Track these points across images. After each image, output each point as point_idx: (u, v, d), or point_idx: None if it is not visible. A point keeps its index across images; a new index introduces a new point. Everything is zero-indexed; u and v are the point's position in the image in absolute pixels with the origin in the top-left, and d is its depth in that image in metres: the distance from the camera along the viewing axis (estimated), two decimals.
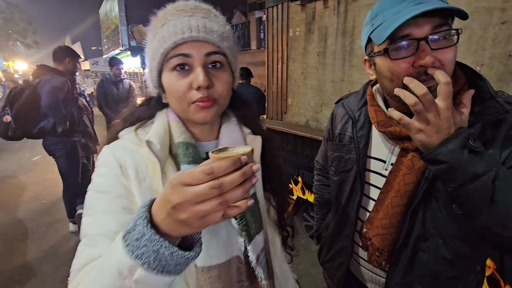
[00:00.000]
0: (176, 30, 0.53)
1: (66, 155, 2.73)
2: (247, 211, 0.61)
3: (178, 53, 0.54)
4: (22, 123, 2.51)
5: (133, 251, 0.36)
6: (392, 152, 0.80)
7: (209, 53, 0.55)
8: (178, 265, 0.37)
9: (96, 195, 0.55)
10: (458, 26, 0.65)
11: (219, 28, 0.56)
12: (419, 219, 0.73)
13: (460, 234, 0.70)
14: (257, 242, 0.62)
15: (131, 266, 0.36)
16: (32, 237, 2.87)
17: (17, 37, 29.62)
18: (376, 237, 0.80)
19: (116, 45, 5.70)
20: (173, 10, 0.56)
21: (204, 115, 0.57)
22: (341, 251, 0.96)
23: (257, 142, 0.68)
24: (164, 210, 0.36)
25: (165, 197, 0.36)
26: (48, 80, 2.51)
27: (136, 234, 0.36)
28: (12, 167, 5.09)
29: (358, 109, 0.89)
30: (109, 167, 0.56)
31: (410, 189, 0.73)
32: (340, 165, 0.92)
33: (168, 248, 0.36)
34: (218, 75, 0.57)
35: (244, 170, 0.34)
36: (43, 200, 3.71)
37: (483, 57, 1.40)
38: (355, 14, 1.98)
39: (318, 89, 2.40)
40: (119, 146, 0.58)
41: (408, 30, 0.62)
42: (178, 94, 0.56)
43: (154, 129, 0.60)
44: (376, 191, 0.83)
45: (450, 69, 0.63)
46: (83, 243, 0.50)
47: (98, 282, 0.40)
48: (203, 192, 0.33)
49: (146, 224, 0.36)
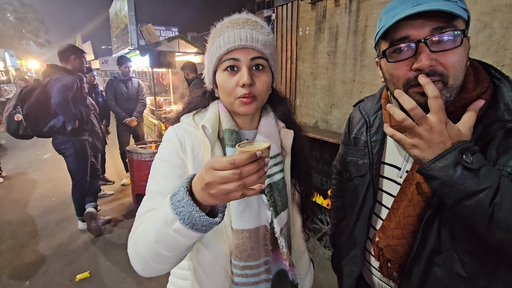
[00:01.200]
0: (230, 40, 0.67)
1: (75, 154, 2.76)
2: (276, 191, 0.75)
3: (229, 57, 0.68)
4: (33, 122, 2.54)
5: (175, 208, 0.50)
6: (407, 159, 0.76)
7: (254, 57, 0.68)
8: (204, 226, 0.50)
9: (160, 163, 0.71)
10: (477, 25, 0.60)
11: (263, 38, 0.69)
12: (433, 231, 0.68)
13: (474, 250, 0.63)
14: (282, 217, 0.75)
15: (172, 219, 0.50)
16: (42, 234, 2.91)
17: (30, 36, 30.25)
18: (387, 248, 0.77)
19: (125, 44, 5.73)
20: (229, 23, 0.70)
21: (246, 109, 0.70)
22: (353, 259, 0.92)
23: (289, 135, 0.81)
24: (199, 185, 0.49)
25: (200, 176, 0.49)
26: (58, 79, 2.53)
27: (178, 197, 0.50)
28: (23, 165, 5.19)
29: (374, 113, 0.86)
30: (172, 142, 0.72)
31: (424, 199, 0.68)
32: (354, 170, 0.89)
33: (197, 211, 0.48)
34: (260, 76, 0.70)
35: (259, 161, 0.46)
36: (53, 197, 3.76)
37: (504, 58, 1.33)
38: (367, 13, 1.93)
39: (327, 89, 2.35)
40: (181, 127, 0.74)
41: (406, 32, 0.60)
42: (228, 90, 0.70)
43: (208, 116, 0.75)
44: (390, 199, 0.79)
45: (454, 72, 0.59)
46: (146, 197, 0.68)
47: (151, 225, 0.55)
48: (227, 176, 0.45)
49: (185, 192, 0.50)
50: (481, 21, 1.35)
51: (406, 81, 0.63)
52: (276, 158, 0.77)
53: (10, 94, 9.71)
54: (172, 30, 10.68)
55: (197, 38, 9.47)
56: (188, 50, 4.79)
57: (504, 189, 0.52)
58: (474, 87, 0.64)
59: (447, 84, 0.60)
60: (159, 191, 0.66)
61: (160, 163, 0.71)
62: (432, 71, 0.59)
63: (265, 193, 0.74)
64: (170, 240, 0.52)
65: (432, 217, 0.67)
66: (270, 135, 0.77)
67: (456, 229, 0.65)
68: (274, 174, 0.76)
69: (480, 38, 1.37)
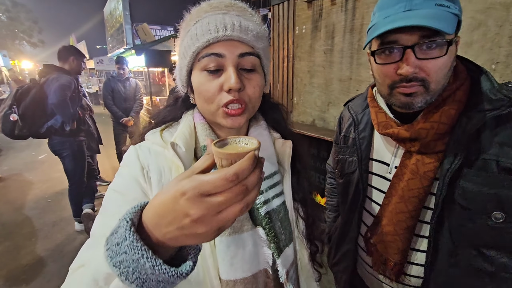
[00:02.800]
0: (210, 28, 0.50)
1: (72, 155, 2.74)
2: (276, 221, 0.58)
3: (210, 53, 0.51)
4: (29, 122, 2.51)
5: (112, 257, 0.32)
6: (395, 154, 0.77)
7: (243, 54, 0.51)
8: (161, 283, 0.32)
9: (112, 195, 0.53)
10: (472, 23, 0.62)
11: (255, 27, 0.53)
12: (444, 233, 0.67)
13: (499, 244, 0.63)
14: (287, 255, 0.59)
15: (107, 275, 0.34)
16: (38, 235, 2.88)
17: (23, 36, 29.92)
18: (380, 244, 0.77)
19: (121, 44, 5.70)
20: (208, 7, 0.53)
21: (232, 122, 0.53)
22: (346, 255, 0.93)
23: (287, 147, 0.65)
24: (175, 223, 0.31)
25: (176, 209, 0.31)
26: (55, 79, 2.51)
27: (117, 238, 0.32)
28: (18, 166, 5.13)
29: (362, 110, 0.88)
30: (131, 168, 0.54)
31: (415, 195, 0.69)
32: (345, 168, 0.90)
33: (150, 259, 0.31)
34: (251, 78, 0.54)
35: (260, 167, 0.32)
36: (49, 198, 3.72)
37: (498, 55, 1.35)
38: (363, 11, 1.94)
39: (324, 88, 2.36)
40: (144, 147, 0.57)
41: (396, 37, 0.61)
42: (208, 95, 0.53)
43: (180, 131, 0.57)
44: (380, 195, 0.80)
45: (437, 78, 0.61)
46: (87, 243, 0.48)
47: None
48: (229, 200, 0.30)
49: (129, 228, 0.32)
50: (476, 19, 1.37)
51: (391, 83, 0.65)
52: (273, 177, 0.60)
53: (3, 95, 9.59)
54: (168, 30, 10.62)
55: None
56: None
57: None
58: (454, 80, 0.66)
59: (429, 89, 0.62)
60: (105, 235, 0.41)
61: (112, 195, 0.53)
62: (414, 77, 0.61)
63: (262, 226, 0.57)
64: None
65: (440, 219, 0.67)
66: (263, 149, 0.60)
67: (472, 227, 0.64)
68: (272, 198, 0.59)
69: (475, 36, 1.39)
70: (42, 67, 2.70)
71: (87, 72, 16.82)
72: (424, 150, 0.68)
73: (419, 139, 0.67)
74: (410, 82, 0.61)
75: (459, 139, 0.63)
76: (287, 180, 0.64)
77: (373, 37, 0.64)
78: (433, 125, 0.65)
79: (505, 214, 0.60)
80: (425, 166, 0.67)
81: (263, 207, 0.57)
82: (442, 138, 0.66)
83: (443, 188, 0.65)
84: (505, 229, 0.62)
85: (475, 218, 0.63)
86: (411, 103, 0.64)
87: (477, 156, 0.62)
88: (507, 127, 0.60)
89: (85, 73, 17.49)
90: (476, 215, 0.63)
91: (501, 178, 0.59)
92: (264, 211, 0.57)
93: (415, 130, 0.67)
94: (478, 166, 0.62)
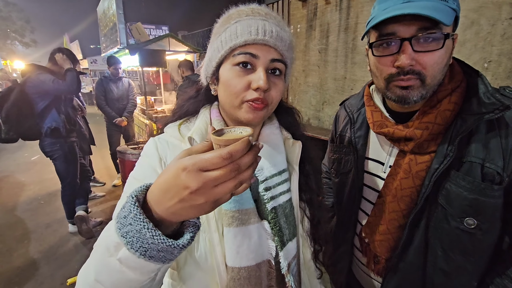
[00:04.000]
0: (251, 30, 0.54)
1: (63, 156, 2.69)
2: (281, 216, 0.62)
3: (246, 51, 0.55)
4: (14, 124, 2.46)
5: (120, 228, 0.37)
6: (390, 154, 0.77)
7: (274, 59, 0.56)
8: (161, 252, 0.37)
9: (132, 181, 0.58)
10: (465, 22, 0.62)
11: (288, 38, 0.58)
12: (420, 228, 0.69)
13: (465, 249, 0.66)
14: (289, 248, 0.63)
15: (117, 244, 0.38)
16: (31, 237, 2.84)
17: (15, 36, 29.44)
18: (373, 243, 0.78)
19: (114, 43, 5.64)
20: (249, 11, 0.57)
21: (253, 116, 0.57)
22: (342, 255, 0.93)
23: (297, 147, 0.68)
24: (176, 196, 0.35)
25: (178, 184, 0.35)
26: (33, 78, 2.45)
27: (124, 212, 0.37)
28: (11, 167, 5.05)
29: (357, 109, 0.87)
30: (150, 158, 0.59)
31: (407, 194, 0.70)
32: (340, 167, 0.90)
33: (150, 230, 0.35)
34: (276, 82, 0.58)
35: (255, 150, 0.36)
36: (42, 200, 3.67)
37: (491, 54, 1.36)
38: (358, 10, 1.94)
39: (319, 87, 2.36)
40: (163, 140, 0.62)
41: (393, 29, 0.61)
42: (235, 90, 0.56)
43: (197, 126, 0.62)
44: (375, 194, 0.80)
45: (432, 72, 0.62)
46: (109, 224, 0.53)
47: (92, 257, 0.43)
48: (223, 175, 0.34)
49: (133, 203, 0.37)
50: (469, 18, 1.38)
51: (388, 75, 0.65)
52: (281, 175, 0.64)
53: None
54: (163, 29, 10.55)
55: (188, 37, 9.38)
56: (178, 48, 4.74)
57: None
58: (449, 81, 0.67)
59: (425, 83, 0.62)
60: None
61: (132, 182, 0.58)
62: (411, 70, 0.61)
63: (268, 220, 0.61)
64: (115, 277, 0.39)
65: (419, 215, 0.69)
66: (273, 146, 0.65)
67: (447, 228, 0.66)
68: (279, 195, 0.63)
69: (468, 35, 1.40)
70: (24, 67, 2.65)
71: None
72: (418, 150, 0.68)
73: (414, 139, 0.67)
74: (406, 75, 0.61)
75: (452, 140, 0.64)
76: (294, 179, 0.67)
77: (370, 26, 0.64)
78: (428, 125, 0.66)
79: (477, 221, 0.62)
80: (417, 166, 0.68)
81: (270, 202, 0.61)
82: (435, 139, 0.66)
83: (428, 186, 0.66)
84: (475, 236, 0.63)
85: (450, 220, 0.65)
86: (407, 97, 0.64)
87: (465, 158, 0.63)
88: (497, 132, 0.61)
89: None
90: (451, 217, 0.65)
91: (483, 185, 0.60)
92: (271, 206, 0.61)
93: (410, 130, 0.67)
94: (465, 169, 0.63)
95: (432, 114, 0.66)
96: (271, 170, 0.62)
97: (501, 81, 1.35)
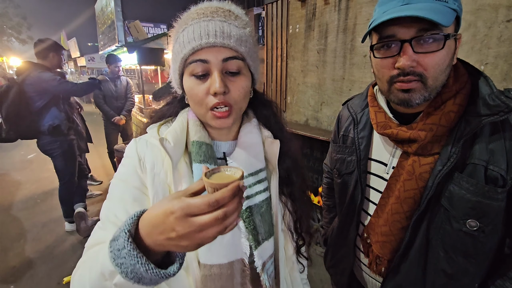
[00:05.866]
0: (195, 36, 0.54)
1: (62, 154, 2.68)
2: (256, 215, 0.62)
3: (196, 59, 0.55)
4: (14, 123, 2.44)
5: (115, 258, 0.40)
6: (393, 155, 0.77)
7: (227, 58, 0.55)
8: (153, 279, 0.40)
9: (116, 182, 0.60)
10: (462, 24, 0.63)
11: (237, 32, 0.56)
12: (422, 229, 0.69)
13: (467, 251, 0.66)
14: (264, 247, 0.63)
15: (111, 271, 0.40)
16: (27, 237, 2.82)
17: (11, 32, 29.13)
18: (376, 244, 0.78)
19: (112, 41, 5.60)
20: (195, 14, 0.57)
21: (220, 123, 0.58)
22: (344, 256, 0.93)
23: (275, 146, 0.67)
24: (164, 234, 0.38)
25: (166, 224, 0.37)
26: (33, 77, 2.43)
27: (118, 245, 0.40)
28: (6, 165, 5.01)
29: (361, 110, 0.87)
30: (131, 158, 0.61)
31: (410, 196, 0.70)
32: (343, 167, 0.90)
33: (143, 265, 0.38)
34: (235, 80, 0.57)
35: (241, 197, 0.38)
36: (38, 199, 3.65)
37: (487, 56, 1.37)
38: (356, 11, 1.95)
39: (318, 87, 2.36)
40: (143, 140, 0.63)
41: (393, 30, 0.62)
42: (197, 99, 0.58)
43: (172, 127, 0.63)
44: (377, 195, 0.80)
45: (434, 74, 0.61)
46: (97, 225, 0.57)
47: (88, 275, 0.46)
48: (209, 223, 0.36)
49: (127, 238, 0.39)
50: (466, 20, 1.39)
51: (389, 78, 0.65)
52: (258, 174, 0.65)
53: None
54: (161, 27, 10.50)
55: None
56: None
57: None
58: (454, 82, 0.66)
59: (427, 85, 0.62)
60: (110, 220, 0.54)
61: (116, 183, 0.60)
62: (412, 71, 0.61)
63: (243, 219, 0.62)
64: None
65: (421, 216, 0.69)
66: (251, 146, 0.65)
67: (449, 229, 0.66)
68: (255, 194, 0.63)
69: (465, 37, 1.41)
70: (20, 65, 2.61)
71: (78, 70, 16.52)
72: (421, 152, 0.68)
73: (418, 140, 0.67)
74: (407, 76, 0.61)
75: (456, 142, 0.64)
76: (274, 178, 0.67)
77: (370, 28, 0.64)
78: (432, 127, 0.66)
79: (479, 223, 0.62)
80: (421, 168, 0.68)
81: (245, 201, 0.59)
82: (439, 140, 0.66)
83: (431, 188, 0.66)
84: (477, 238, 0.64)
85: (453, 222, 0.65)
86: (409, 100, 0.64)
87: (469, 160, 0.63)
88: (501, 135, 0.61)
89: (76, 71, 17.17)
90: (454, 219, 0.65)
91: (487, 188, 0.61)
92: (246, 205, 0.62)
93: (414, 132, 0.67)
94: (468, 171, 0.63)
95: (436, 115, 0.66)
96: (247, 170, 0.63)
97: (497, 83, 1.36)
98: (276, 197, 0.67)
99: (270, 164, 0.68)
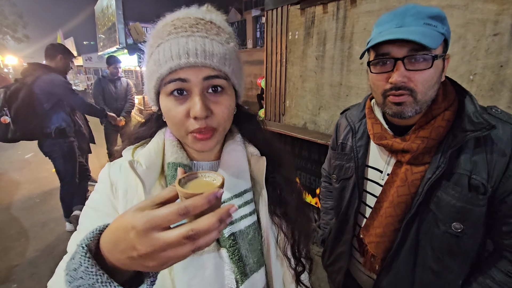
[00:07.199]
0: (172, 54, 0.47)
1: (62, 156, 2.70)
2: (243, 243, 0.54)
3: (174, 78, 0.48)
4: (22, 124, 2.45)
5: (71, 281, 0.34)
6: (388, 163, 0.84)
7: (208, 77, 0.49)
8: None
9: (87, 210, 0.55)
10: (453, 36, 0.71)
11: (221, 49, 0.49)
12: (413, 231, 0.76)
13: (452, 250, 0.73)
14: (254, 281, 0.54)
15: None
16: (27, 236, 2.84)
17: (7, 30, 28.84)
18: (370, 244, 0.84)
19: (113, 43, 5.62)
20: (171, 26, 0.49)
21: (201, 145, 0.52)
22: (341, 255, 0.99)
23: (261, 164, 0.60)
24: (125, 253, 0.32)
25: (127, 241, 0.31)
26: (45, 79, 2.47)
27: (74, 264, 0.33)
28: (4, 165, 4.99)
29: (359, 120, 0.94)
30: (104, 184, 0.56)
31: (403, 201, 0.76)
32: (341, 173, 0.96)
33: (104, 283, 0.32)
34: (218, 101, 0.51)
35: (221, 215, 0.31)
36: (37, 198, 3.66)
37: (476, 67, 1.46)
38: (353, 20, 2.03)
39: (316, 92, 2.44)
40: (116, 164, 0.57)
41: (388, 49, 0.69)
42: (175, 121, 0.51)
43: (146, 148, 0.57)
44: (373, 199, 0.87)
45: (423, 89, 0.69)
46: (63, 259, 0.50)
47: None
48: (176, 242, 0.30)
49: (84, 254, 0.33)
50: (456, 32, 1.47)
51: (383, 91, 0.73)
52: (243, 196, 0.56)
53: None
54: None
55: None
56: None
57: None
58: (443, 99, 0.74)
59: (416, 98, 0.70)
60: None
61: (87, 212, 0.54)
62: (403, 86, 0.69)
63: (226, 247, 0.53)
64: None
65: (412, 219, 0.76)
66: (236, 165, 0.58)
67: (437, 232, 0.73)
68: (239, 219, 0.55)
69: (455, 49, 1.50)
70: (26, 65, 2.62)
71: (75, 69, 16.43)
72: (413, 161, 0.75)
73: (410, 151, 0.74)
74: (399, 90, 0.69)
75: (444, 153, 0.71)
76: (262, 199, 0.59)
77: (367, 47, 0.72)
78: (423, 139, 0.73)
79: (463, 226, 0.70)
80: (413, 175, 0.75)
81: (227, 227, 0.53)
82: (429, 151, 0.73)
83: (421, 194, 0.73)
84: (461, 239, 0.71)
85: (440, 225, 0.73)
86: (402, 112, 0.71)
87: (455, 170, 0.70)
88: (483, 148, 0.68)
89: (73, 70, 17.06)
90: (441, 222, 0.72)
91: (470, 195, 0.68)
92: (228, 232, 0.53)
93: (407, 143, 0.74)
94: (454, 180, 0.70)
95: (427, 129, 0.73)
96: (230, 192, 0.55)
97: (485, 93, 1.45)
98: (266, 219, 0.59)
99: (257, 184, 0.60)
